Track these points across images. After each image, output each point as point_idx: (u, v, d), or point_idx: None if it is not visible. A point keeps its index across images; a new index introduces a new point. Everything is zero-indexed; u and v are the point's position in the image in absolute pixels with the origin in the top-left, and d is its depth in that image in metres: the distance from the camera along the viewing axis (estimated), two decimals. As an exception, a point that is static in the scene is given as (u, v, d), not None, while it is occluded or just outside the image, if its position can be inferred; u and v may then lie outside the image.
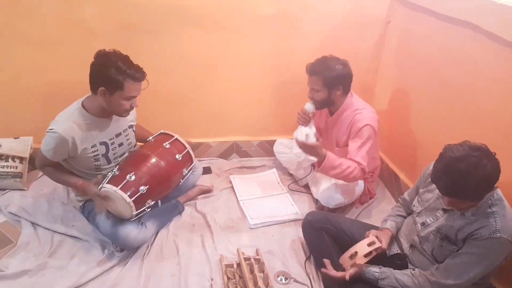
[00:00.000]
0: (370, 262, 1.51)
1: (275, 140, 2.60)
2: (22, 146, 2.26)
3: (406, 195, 1.72)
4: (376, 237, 1.55)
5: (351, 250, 1.52)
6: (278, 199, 2.34)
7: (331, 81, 1.95)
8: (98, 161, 1.82)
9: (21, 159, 2.25)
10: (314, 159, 2.08)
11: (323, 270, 1.56)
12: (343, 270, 1.52)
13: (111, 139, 1.85)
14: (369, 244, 1.52)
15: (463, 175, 1.19)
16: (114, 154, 1.88)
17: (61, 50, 2.16)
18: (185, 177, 1.99)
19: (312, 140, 2.02)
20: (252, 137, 2.71)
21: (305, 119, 2.05)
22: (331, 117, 2.12)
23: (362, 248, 1.51)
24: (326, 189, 2.09)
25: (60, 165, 1.85)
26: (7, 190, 2.23)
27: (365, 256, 1.50)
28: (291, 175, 2.54)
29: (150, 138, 1.95)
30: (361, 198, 2.24)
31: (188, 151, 1.96)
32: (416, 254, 1.50)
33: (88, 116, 1.74)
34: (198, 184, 2.33)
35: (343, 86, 1.98)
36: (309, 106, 2.04)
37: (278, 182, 2.50)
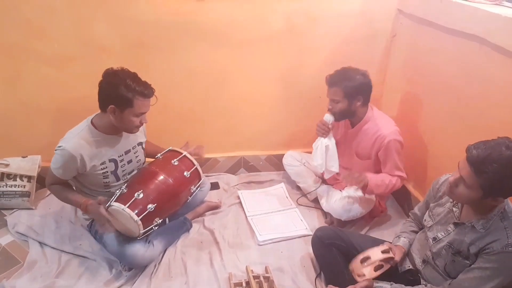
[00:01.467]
0: (381, 278, 1.50)
1: (283, 154, 2.62)
2: (30, 165, 2.30)
3: (416, 209, 1.72)
4: (390, 248, 1.55)
5: (364, 254, 1.51)
6: (287, 215, 2.35)
7: (351, 92, 1.98)
8: (107, 178, 1.85)
9: (29, 178, 2.29)
10: (335, 170, 2.13)
11: (329, 286, 1.55)
12: (353, 279, 1.51)
13: (120, 156, 1.88)
14: (383, 251, 1.51)
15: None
16: (123, 171, 1.91)
17: (72, 67, 2.21)
18: (193, 194, 2.01)
19: (332, 151, 2.09)
20: (259, 152, 2.73)
21: (324, 130, 2.08)
22: (352, 129, 2.15)
23: (375, 253, 1.51)
24: (338, 200, 2.11)
25: (67, 184, 1.88)
26: (15, 210, 2.26)
27: (375, 269, 1.49)
28: (299, 189, 2.55)
29: (159, 155, 1.98)
30: (372, 212, 2.24)
31: (196, 168, 1.98)
32: (429, 270, 1.50)
33: (97, 133, 1.78)
34: (206, 200, 2.35)
35: (364, 96, 2.02)
36: (328, 117, 2.08)
37: (287, 197, 2.51)
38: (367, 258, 1.51)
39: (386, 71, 2.54)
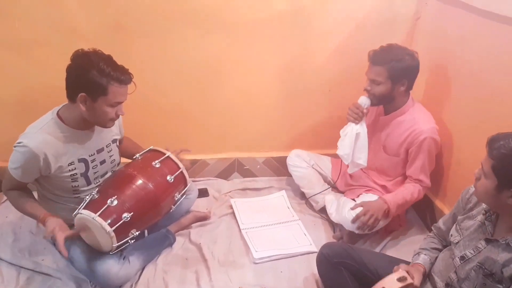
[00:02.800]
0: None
1: (284, 157, 2.62)
2: (-16, 165, 2.29)
3: (441, 223, 1.71)
4: (407, 272, 1.54)
5: (378, 286, 1.51)
6: (288, 228, 2.34)
7: (397, 73, 2.00)
8: (75, 181, 1.84)
9: (-17, 180, 2.27)
10: (362, 163, 2.13)
11: None
12: None
13: (92, 155, 1.86)
14: (400, 280, 1.50)
15: None
16: (95, 173, 1.90)
17: (37, 52, 2.20)
18: (177, 203, 2.00)
19: (363, 140, 2.10)
20: (257, 154, 2.74)
21: (357, 115, 2.09)
22: (385, 116, 2.17)
23: (391, 283, 1.50)
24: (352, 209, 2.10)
25: (27, 190, 1.86)
26: (-35, 218, 2.25)
27: None
28: (304, 197, 2.55)
29: (137, 155, 1.97)
30: (388, 225, 2.23)
31: (181, 172, 1.97)
32: (454, 295, 1.49)
33: (65, 127, 1.76)
34: (192, 209, 2.34)
35: (409, 81, 2.05)
36: (363, 100, 2.08)
37: (288, 207, 2.51)
38: None
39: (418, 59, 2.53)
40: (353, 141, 2.10)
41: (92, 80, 1.63)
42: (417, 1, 2.39)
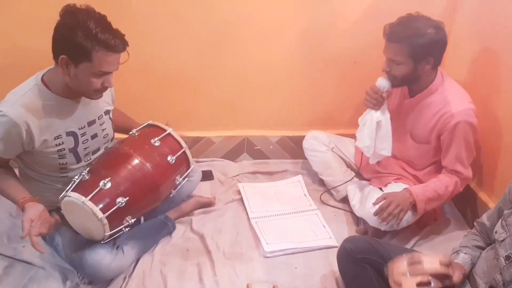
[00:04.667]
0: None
1: (301, 137, 2.62)
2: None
3: (485, 218, 1.71)
4: (451, 264, 1.54)
5: (415, 257, 1.50)
6: (304, 218, 2.36)
7: (419, 51, 1.96)
8: (63, 158, 1.85)
9: (-44, 154, 2.30)
10: (386, 154, 2.14)
11: None
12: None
13: (82, 128, 1.87)
14: (442, 264, 1.49)
15: None
16: (86, 149, 1.91)
17: (17, 6, 2.19)
18: (178, 187, 2.02)
19: (386, 129, 2.08)
20: (270, 132, 2.75)
21: (377, 101, 2.08)
22: (411, 99, 2.15)
23: (431, 262, 1.48)
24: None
25: (8, 167, 1.88)
26: None
27: (419, 285, 1.48)
28: (323, 184, 2.56)
29: (134, 131, 1.98)
30: (422, 219, 2.24)
31: (184, 152, 1.99)
32: (498, 300, 1.50)
33: (50, 95, 1.76)
34: (195, 194, 2.37)
35: (435, 58, 2.01)
36: (383, 83, 2.07)
37: (305, 195, 2.53)
38: (418, 262, 1.50)
39: (452, 27, 2.50)
40: (374, 130, 2.10)
41: (75, 42, 1.61)
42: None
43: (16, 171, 1.95)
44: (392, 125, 2.14)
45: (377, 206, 2.06)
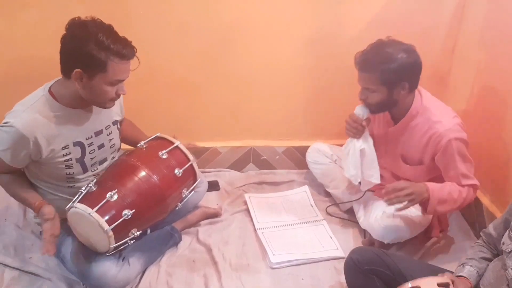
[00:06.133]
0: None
1: (307, 147, 2.63)
2: (-35, 148, 2.34)
3: (491, 228, 1.71)
4: (452, 282, 1.55)
5: (414, 283, 1.52)
6: (311, 229, 2.37)
7: (391, 77, 1.93)
8: (70, 168, 1.86)
9: (-36, 165, 2.32)
10: (375, 181, 2.12)
11: None
12: None
13: (89, 138, 1.89)
14: (440, 285, 1.52)
15: None
16: (92, 159, 1.93)
17: (23, 16, 2.21)
18: (184, 200, 2.03)
19: (370, 155, 2.08)
20: (276, 142, 2.76)
21: (357, 129, 2.07)
22: (395, 127, 2.13)
23: (429, 285, 1.51)
24: (380, 216, 2.12)
25: (20, 174, 1.89)
26: None
27: None
28: (328, 195, 2.57)
29: (142, 143, 1.99)
30: (428, 230, 2.24)
31: (191, 165, 1.99)
32: (505, 312, 1.50)
33: (58, 106, 1.78)
34: (201, 204, 2.38)
35: (409, 81, 1.97)
36: (361, 111, 2.06)
37: (311, 205, 2.53)
38: None
39: (458, 37, 2.52)
40: (358, 158, 2.10)
41: (89, 54, 1.64)
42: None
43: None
44: (381, 152, 2.15)
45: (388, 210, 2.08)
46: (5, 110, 1.77)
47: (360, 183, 2.21)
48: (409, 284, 1.53)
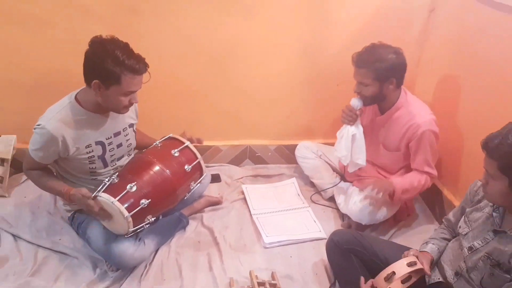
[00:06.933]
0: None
1: (295, 145, 2.63)
2: (3, 146, 2.33)
3: (451, 215, 1.73)
4: (417, 257, 1.56)
5: (388, 270, 1.53)
6: (298, 214, 2.37)
7: (383, 74, 1.99)
8: (93, 163, 1.87)
9: (2, 160, 2.31)
10: (361, 163, 2.16)
11: None
12: None
13: (109, 138, 1.89)
14: (409, 265, 1.52)
15: None
16: (112, 156, 1.93)
17: (52, 32, 2.20)
18: (192, 191, 2.03)
19: (360, 141, 2.11)
20: (269, 141, 2.75)
21: (351, 117, 2.10)
22: (381, 116, 2.17)
23: (401, 268, 1.52)
24: (358, 201, 2.13)
25: (48, 169, 1.90)
26: (-15, 197, 2.29)
27: (403, 282, 1.51)
28: (314, 185, 2.57)
29: (157, 142, 1.99)
30: (397, 214, 2.26)
31: (199, 162, 2.00)
32: (462, 284, 1.51)
33: (82, 111, 1.79)
34: (205, 194, 2.38)
35: (397, 78, 2.03)
36: (356, 102, 2.09)
37: (298, 194, 2.54)
38: (392, 274, 1.53)
39: (422, 52, 2.54)
40: (350, 142, 2.12)
41: (106, 69, 1.64)
42: (432, -8, 2.37)
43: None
44: (367, 138, 2.17)
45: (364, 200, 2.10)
46: (36, 114, 1.78)
47: (346, 166, 2.25)
48: (384, 273, 1.55)
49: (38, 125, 1.73)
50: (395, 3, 2.37)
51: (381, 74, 1.98)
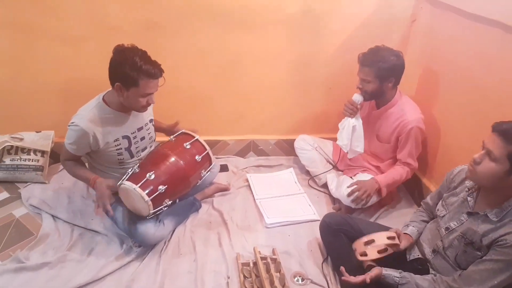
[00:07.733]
0: (388, 266, 1.49)
1: (293, 139, 2.60)
2: (43, 140, 2.32)
3: (428, 199, 1.69)
4: (398, 236, 1.54)
5: (369, 237, 1.51)
6: (295, 199, 2.34)
7: (384, 73, 1.96)
8: (121, 155, 1.86)
9: (43, 152, 2.31)
10: (360, 150, 2.12)
11: (342, 278, 1.53)
12: (360, 264, 1.50)
13: (133, 132, 1.88)
14: (388, 238, 1.51)
15: None
16: (137, 148, 1.91)
17: (85, 47, 2.21)
18: (203, 178, 2.01)
19: (359, 131, 2.08)
20: (269, 136, 2.72)
21: (352, 110, 2.06)
22: (377, 110, 2.14)
23: (380, 238, 1.51)
24: (349, 187, 2.09)
25: (80, 161, 1.89)
26: (28, 183, 2.29)
27: (379, 252, 1.49)
28: (309, 174, 2.53)
29: (172, 137, 1.97)
30: (382, 200, 2.22)
31: (208, 153, 1.97)
32: (439, 260, 1.48)
33: (109, 110, 1.77)
34: (215, 181, 2.35)
35: (395, 78, 2.01)
36: (357, 97, 2.06)
37: (295, 182, 2.50)
38: (372, 241, 1.50)
39: (404, 55, 2.46)
40: (350, 132, 2.09)
41: (125, 73, 1.62)
42: (414, 5, 2.31)
43: (86, 165, 1.96)
44: (363, 129, 2.13)
45: (350, 188, 2.06)
46: (72, 114, 1.77)
47: (348, 152, 2.22)
48: (365, 238, 1.52)
49: (72, 122, 1.72)
50: (381, 14, 2.31)
51: (382, 73, 1.95)
